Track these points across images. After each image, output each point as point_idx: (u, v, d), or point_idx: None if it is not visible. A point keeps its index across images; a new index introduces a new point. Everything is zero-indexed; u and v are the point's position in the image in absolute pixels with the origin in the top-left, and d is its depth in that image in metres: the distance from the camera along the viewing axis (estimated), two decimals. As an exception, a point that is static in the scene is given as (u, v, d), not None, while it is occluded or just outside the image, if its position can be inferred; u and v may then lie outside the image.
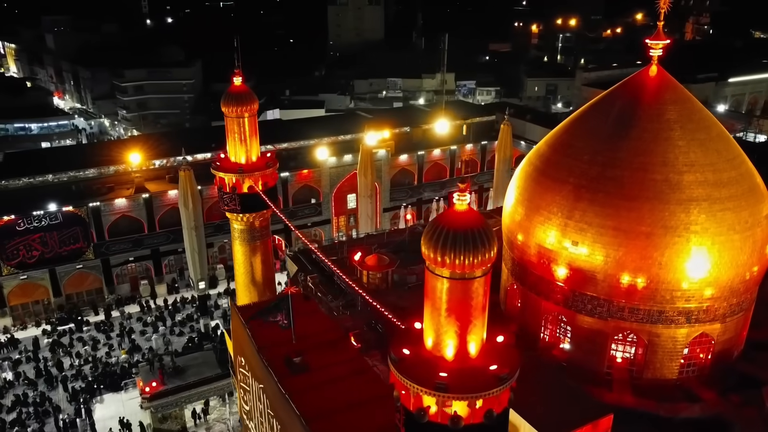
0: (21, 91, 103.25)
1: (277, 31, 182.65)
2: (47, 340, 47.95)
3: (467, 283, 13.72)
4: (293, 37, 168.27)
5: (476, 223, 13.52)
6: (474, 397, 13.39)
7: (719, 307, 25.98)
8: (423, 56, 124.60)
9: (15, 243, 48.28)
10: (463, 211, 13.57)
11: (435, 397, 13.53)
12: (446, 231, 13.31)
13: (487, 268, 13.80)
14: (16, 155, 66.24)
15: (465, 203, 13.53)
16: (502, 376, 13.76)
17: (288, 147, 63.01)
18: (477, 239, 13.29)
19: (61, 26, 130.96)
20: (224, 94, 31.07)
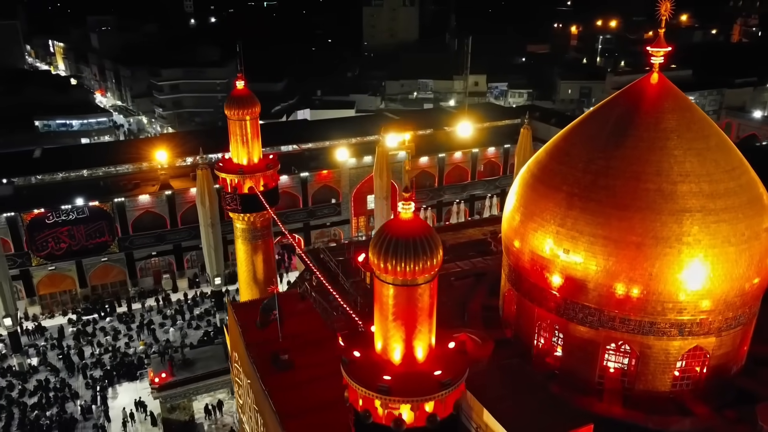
0: (64, 88, 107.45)
1: (317, 31, 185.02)
2: (72, 329, 50.02)
3: (412, 289, 14.03)
4: (332, 37, 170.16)
5: (420, 231, 13.82)
6: (415, 401, 13.70)
7: (714, 321, 25.47)
8: (455, 57, 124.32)
9: (44, 235, 50.52)
10: (408, 220, 13.90)
11: (378, 399, 13.88)
12: (390, 239, 13.66)
13: (431, 274, 14.08)
14: (53, 150, 69.11)
15: (410, 212, 13.85)
16: (445, 382, 14.02)
17: (310, 147, 64.18)
18: (420, 247, 13.60)
19: (105, 26, 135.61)
20: (227, 97, 31.98)
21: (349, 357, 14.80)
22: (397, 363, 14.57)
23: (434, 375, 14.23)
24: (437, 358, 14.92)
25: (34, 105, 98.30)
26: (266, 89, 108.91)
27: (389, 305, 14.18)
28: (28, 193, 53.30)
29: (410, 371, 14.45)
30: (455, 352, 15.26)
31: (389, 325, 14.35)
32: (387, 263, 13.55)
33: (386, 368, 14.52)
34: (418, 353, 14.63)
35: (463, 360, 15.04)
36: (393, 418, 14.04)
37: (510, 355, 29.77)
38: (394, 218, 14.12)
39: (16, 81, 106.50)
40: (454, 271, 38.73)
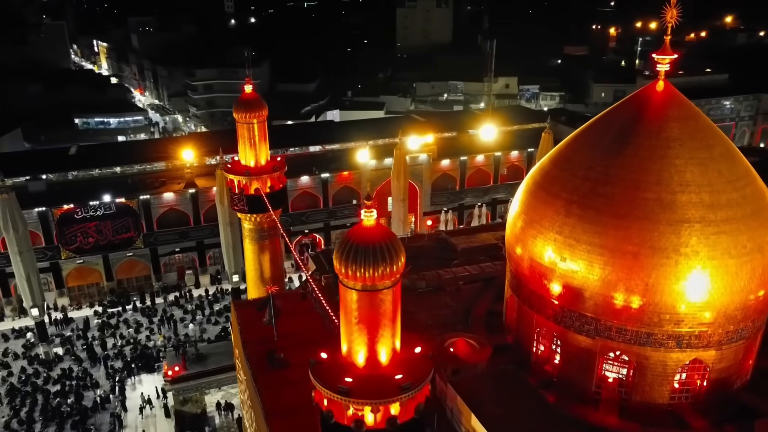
0: (103, 87, 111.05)
1: (354, 31, 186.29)
2: (97, 321, 51.88)
3: (374, 294, 14.38)
4: (368, 38, 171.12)
5: (382, 237, 14.16)
6: (373, 403, 14.05)
7: (713, 334, 25.01)
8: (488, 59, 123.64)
9: (73, 230, 52.54)
10: (371, 227, 14.26)
11: (339, 400, 14.28)
12: (353, 245, 14.04)
13: (392, 280, 14.41)
14: (87, 148, 71.59)
15: (372, 218, 14.21)
16: (405, 386, 14.32)
17: (333, 148, 64.97)
18: (381, 253, 13.94)
19: (145, 27, 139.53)
20: (235, 101, 32.86)
21: (317, 358, 15.24)
22: (361, 366, 14.94)
23: (395, 379, 14.54)
24: (402, 362, 15.22)
25: (75, 103, 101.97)
26: (297, 90, 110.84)
27: (353, 310, 14.55)
28: (60, 188, 55.52)
29: (372, 374, 14.80)
30: (420, 357, 15.52)
31: (353, 329, 14.73)
32: (349, 269, 13.93)
33: (350, 371, 14.90)
34: (381, 357, 14.97)
35: (428, 365, 15.29)
36: (354, 419, 14.42)
37: (508, 361, 29.76)
38: (357, 225, 14.49)
39: (59, 80, 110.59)
40: (463, 275, 38.83)
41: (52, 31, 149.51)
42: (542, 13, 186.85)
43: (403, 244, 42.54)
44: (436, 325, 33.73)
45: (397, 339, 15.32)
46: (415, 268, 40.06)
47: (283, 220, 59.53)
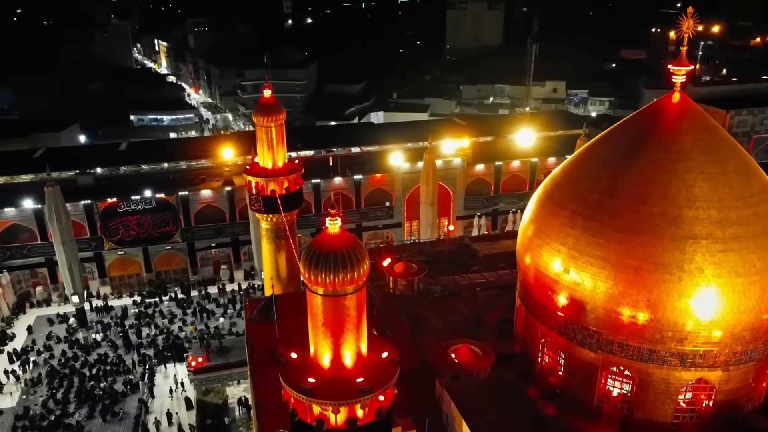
0: (158, 85, 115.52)
1: (407, 33, 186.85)
2: (134, 310, 54.34)
3: (338, 299, 14.90)
4: (421, 39, 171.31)
5: (346, 245, 14.67)
6: (331, 404, 14.59)
7: (719, 354, 24.32)
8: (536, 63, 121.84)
9: (116, 223, 55.23)
10: (335, 234, 14.79)
11: (302, 399, 14.89)
12: (317, 252, 14.62)
13: (355, 286, 14.89)
14: (137, 144, 74.93)
15: (337, 227, 14.74)
16: (364, 389, 14.78)
17: (369, 150, 65.76)
18: (344, 260, 14.46)
19: (201, 27, 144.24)
20: (256, 105, 33.93)
21: (287, 358, 15.90)
22: (326, 367, 15.48)
23: (356, 382, 15.02)
24: (367, 366, 15.68)
25: (132, 100, 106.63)
26: (343, 91, 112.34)
27: (318, 314, 15.11)
28: (107, 183, 58.40)
29: (336, 376, 15.32)
30: (386, 361, 15.94)
31: (318, 332, 15.30)
32: (312, 274, 14.50)
33: (315, 372, 15.47)
34: (346, 360, 15.48)
35: (392, 370, 15.69)
36: (316, 419, 15.01)
37: (513, 370, 29.70)
38: (323, 232, 15.04)
39: (118, 78, 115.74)
40: (479, 281, 38.82)
41: (116, 32, 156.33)
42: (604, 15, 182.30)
43: (425, 249, 42.97)
44: (446, 330, 33.94)
45: (362, 343, 15.78)
46: (434, 273, 40.43)
47: (315, 219, 60.93)
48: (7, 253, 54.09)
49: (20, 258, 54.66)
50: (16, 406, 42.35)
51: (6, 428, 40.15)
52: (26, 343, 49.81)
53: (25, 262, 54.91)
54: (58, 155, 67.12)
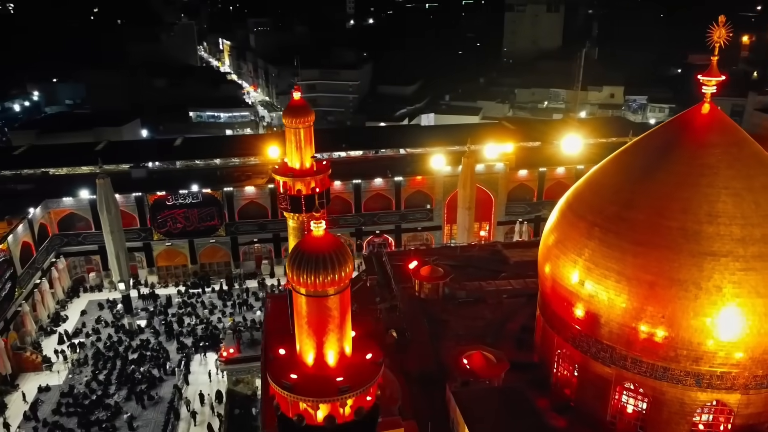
0: (217, 84, 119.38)
1: (468, 34, 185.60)
2: (178, 300, 56.63)
3: (321, 300, 15.38)
4: (481, 41, 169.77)
5: (329, 247, 15.13)
6: (308, 401, 15.11)
7: (738, 376, 23.44)
8: (594, 67, 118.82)
9: (164, 215, 57.71)
10: (319, 237, 15.28)
11: (283, 394, 15.49)
12: (301, 254, 15.15)
13: (339, 287, 15.33)
14: (192, 140, 77.91)
15: (321, 229, 15.23)
16: (342, 388, 15.22)
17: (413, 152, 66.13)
18: (327, 262, 14.92)
19: (262, 27, 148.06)
20: (285, 107, 34.84)
21: (274, 354, 16.53)
22: (310, 365, 16.00)
23: (336, 381, 15.47)
24: (349, 366, 16.10)
25: (191, 97, 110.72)
26: (396, 92, 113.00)
27: (302, 314, 15.64)
28: (158, 176, 61.08)
29: (318, 374, 15.81)
30: (369, 363, 16.31)
31: (303, 331, 15.83)
32: (295, 275, 15.05)
33: (299, 369, 16.02)
34: (329, 359, 15.94)
35: (373, 371, 16.05)
36: (296, 414, 15.57)
37: (528, 380, 29.47)
38: (307, 235, 15.56)
39: (181, 76, 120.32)
40: (506, 288, 38.55)
41: (182, 31, 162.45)
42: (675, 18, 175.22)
43: (455, 253, 42.91)
44: (466, 336, 33.94)
45: (346, 343, 16.20)
46: (462, 278, 40.44)
47: (355, 219, 61.80)
48: (64, 240, 57.47)
49: (76, 245, 57.97)
50: (63, 384, 45.01)
51: (52, 404, 42.76)
52: (77, 325, 52.78)
53: (80, 249, 58.18)
54: (118, 149, 70.65)
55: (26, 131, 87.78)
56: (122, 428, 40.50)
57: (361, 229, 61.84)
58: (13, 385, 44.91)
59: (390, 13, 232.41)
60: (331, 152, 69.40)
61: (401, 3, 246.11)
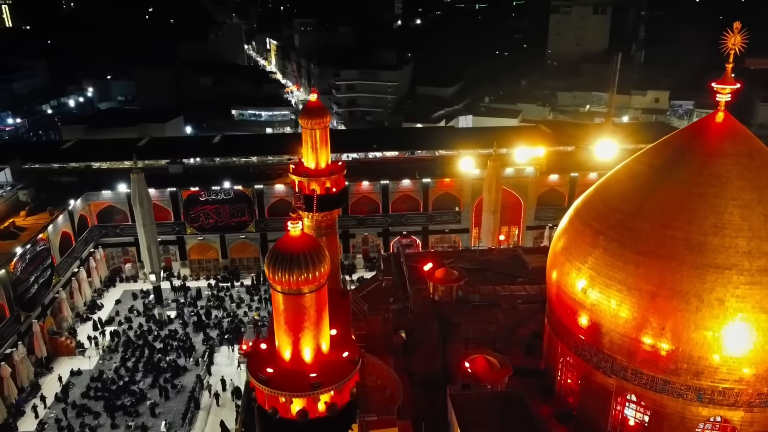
0: (260, 83, 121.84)
1: (516, 35, 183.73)
2: (207, 293, 58.31)
3: (298, 298, 15.86)
4: (528, 43, 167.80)
5: (305, 247, 15.61)
6: (281, 394, 15.64)
7: (741, 393, 22.85)
8: (640, 70, 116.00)
9: (197, 210, 59.50)
10: (296, 237, 15.78)
11: (259, 387, 16.07)
12: (278, 253, 15.69)
13: (313, 286, 15.79)
14: (230, 137, 79.87)
15: (297, 230, 15.72)
16: (314, 384, 15.69)
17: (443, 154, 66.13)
18: (303, 261, 15.41)
19: (306, 27, 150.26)
20: (302, 108, 35.45)
21: (256, 348, 17.13)
22: (287, 360, 16.52)
23: (309, 377, 15.94)
24: (325, 363, 16.54)
25: (234, 96, 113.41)
26: (436, 93, 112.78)
27: (280, 311, 16.17)
28: (194, 172, 63.01)
29: (293, 370, 16.30)
30: (346, 361, 16.70)
31: (281, 327, 16.37)
32: (271, 273, 15.59)
33: (277, 363, 16.56)
34: (305, 355, 16.42)
35: (347, 369, 16.43)
36: (272, 406, 16.12)
37: (533, 386, 29.30)
38: (285, 235, 16.07)
39: (225, 74, 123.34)
40: (521, 294, 38.30)
41: (230, 30, 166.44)
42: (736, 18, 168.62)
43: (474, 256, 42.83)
44: (476, 340, 33.94)
45: (323, 341, 16.63)
46: (479, 281, 40.42)
47: (383, 220, 62.25)
48: (103, 231, 59.95)
49: (113, 236, 60.40)
50: (93, 369, 47.05)
51: (82, 387, 44.79)
52: (111, 313, 54.99)
53: (117, 240, 60.58)
54: (159, 145, 73.14)
55: (76, 126, 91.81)
56: (145, 414, 42.04)
57: (388, 229, 62.25)
58: (48, 367, 47.20)
59: (438, 14, 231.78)
60: (366, 152, 70.33)
61: (450, 3, 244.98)
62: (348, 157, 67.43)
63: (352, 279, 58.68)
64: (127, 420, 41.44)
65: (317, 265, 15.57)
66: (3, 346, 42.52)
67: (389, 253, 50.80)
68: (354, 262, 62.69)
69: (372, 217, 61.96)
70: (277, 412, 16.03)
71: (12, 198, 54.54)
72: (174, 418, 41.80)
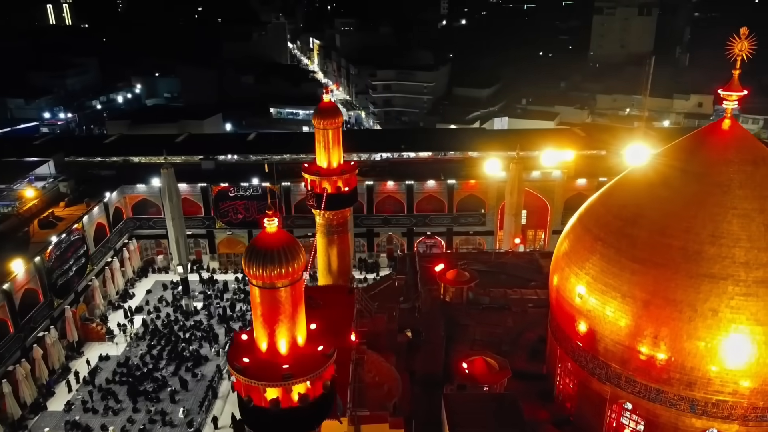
0: (299, 82, 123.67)
1: (561, 36, 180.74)
2: (234, 286, 59.91)
3: (273, 291, 16.54)
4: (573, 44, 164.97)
5: (280, 243, 16.26)
6: (256, 384, 16.36)
7: (735, 406, 22.47)
8: (684, 74, 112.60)
9: (226, 205, 61.21)
10: (272, 233, 16.45)
11: (236, 375, 16.84)
12: (253, 248, 16.42)
13: (288, 281, 16.43)
14: (265, 135, 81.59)
15: (273, 226, 16.39)
16: (285, 375, 16.35)
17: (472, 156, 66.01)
18: (272, 257, 16.09)
19: (347, 27, 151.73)
20: (315, 108, 36.27)
21: (237, 339, 17.91)
22: (264, 351, 17.23)
23: (282, 368, 16.60)
24: (299, 355, 17.16)
25: (274, 94, 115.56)
26: (472, 95, 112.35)
27: (257, 303, 16.90)
28: (225, 169, 64.73)
29: (269, 360, 17.00)
30: (320, 354, 17.29)
31: (257, 320, 17.09)
32: (248, 267, 16.32)
33: (254, 354, 17.29)
34: (280, 347, 17.08)
35: (320, 362, 17.01)
36: (247, 394, 16.87)
37: (533, 390, 29.33)
38: (262, 231, 16.76)
39: (266, 73, 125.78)
40: (532, 298, 38.13)
41: (274, 30, 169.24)
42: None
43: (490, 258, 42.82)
44: (482, 341, 34.09)
45: (299, 334, 17.26)
46: (491, 284, 40.45)
47: (407, 219, 62.64)
48: (137, 223, 62.31)
49: (147, 229, 62.69)
50: (121, 355, 49.08)
51: (108, 372, 46.81)
52: (141, 303, 57.14)
53: (150, 232, 62.83)
54: (196, 141, 75.35)
55: (121, 121, 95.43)
56: (165, 400, 43.63)
57: (413, 229, 62.61)
58: (78, 351, 49.48)
59: (484, 14, 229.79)
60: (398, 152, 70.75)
61: (497, 3, 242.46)
62: (381, 157, 68.26)
63: (365, 277, 59.32)
64: (148, 405, 43.12)
65: (291, 261, 16.21)
66: (36, 330, 44.80)
67: (404, 252, 51.09)
68: (378, 261, 63.30)
69: (396, 217, 62.43)
70: (251, 399, 16.74)
71: (53, 189, 57.25)
72: (192, 405, 43.25)
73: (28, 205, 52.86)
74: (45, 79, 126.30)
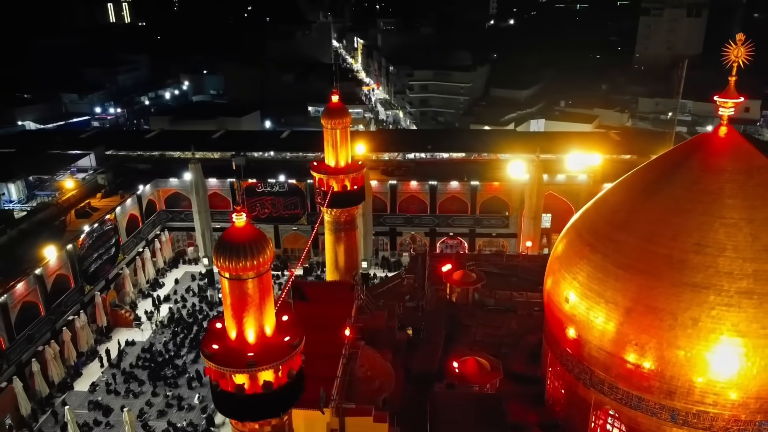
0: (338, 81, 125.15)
1: (611, 37, 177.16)
2: (258, 279, 61.55)
3: (241, 282, 17.42)
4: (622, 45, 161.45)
5: (248, 237, 17.12)
6: (218, 369, 17.33)
7: (717, 418, 22.20)
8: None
9: (253, 200, 62.93)
10: (240, 227, 17.35)
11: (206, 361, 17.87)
12: (222, 241, 17.35)
13: (255, 273, 17.28)
14: (297, 133, 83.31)
15: (242, 221, 17.30)
16: (249, 362, 17.24)
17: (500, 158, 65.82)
18: (239, 250, 16.97)
19: (389, 27, 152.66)
20: (324, 108, 37.12)
21: (212, 327, 18.92)
22: (233, 339, 18.18)
23: (247, 356, 17.50)
24: (267, 345, 18.00)
25: (312, 93, 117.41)
26: (509, 96, 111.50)
27: (226, 294, 17.85)
28: (255, 165, 66.48)
29: (236, 348, 17.92)
30: (286, 345, 18.11)
31: (227, 310, 18.03)
32: (217, 259, 17.26)
33: (224, 342, 18.25)
34: (248, 336, 17.98)
35: (284, 352, 17.82)
36: (215, 379, 17.88)
37: (526, 393, 29.47)
38: (232, 225, 17.66)
39: (305, 72, 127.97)
40: (538, 301, 37.98)
41: (318, 29, 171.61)
42: None
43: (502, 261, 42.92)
44: (483, 342, 34.36)
45: (267, 324, 18.09)
46: (500, 286, 40.55)
47: (430, 220, 63.00)
48: (169, 216, 64.77)
49: (178, 221, 65.06)
50: (146, 341, 51.28)
51: (133, 357, 49.04)
52: (170, 292, 59.45)
53: (181, 225, 65.15)
54: (232, 137, 77.66)
55: (163, 117, 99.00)
56: (183, 386, 45.45)
57: (435, 229, 62.94)
58: (107, 336, 51.95)
59: (533, 14, 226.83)
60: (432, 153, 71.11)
61: (548, 3, 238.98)
62: (414, 156, 68.92)
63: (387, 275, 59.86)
64: (167, 390, 45.00)
65: (258, 254, 17.06)
66: (66, 314, 47.34)
67: (416, 252, 51.48)
68: (400, 260, 63.86)
69: (419, 217, 62.86)
70: (218, 384, 17.72)
71: (92, 181, 60.16)
72: (207, 392, 44.81)
73: (67, 195, 55.77)
74: (98, 75, 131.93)
